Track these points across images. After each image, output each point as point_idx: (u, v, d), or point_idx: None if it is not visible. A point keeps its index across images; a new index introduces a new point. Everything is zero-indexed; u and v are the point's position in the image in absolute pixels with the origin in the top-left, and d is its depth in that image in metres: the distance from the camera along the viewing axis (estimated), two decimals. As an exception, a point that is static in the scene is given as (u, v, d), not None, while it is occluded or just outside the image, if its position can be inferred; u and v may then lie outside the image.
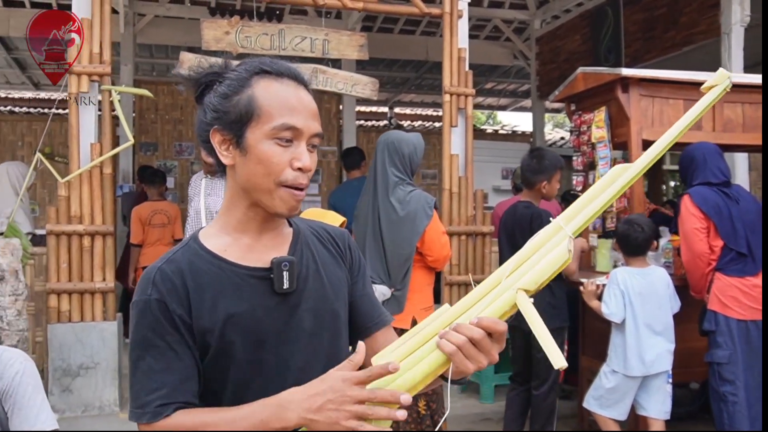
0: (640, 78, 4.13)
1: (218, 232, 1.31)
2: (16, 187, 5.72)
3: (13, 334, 4.06)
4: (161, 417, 1.16)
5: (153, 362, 1.18)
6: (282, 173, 1.21)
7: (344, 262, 1.42)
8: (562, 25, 9.08)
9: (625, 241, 3.78)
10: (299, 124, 1.22)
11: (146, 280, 1.23)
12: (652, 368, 3.63)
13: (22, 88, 12.87)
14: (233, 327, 1.22)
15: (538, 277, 1.12)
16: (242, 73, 1.28)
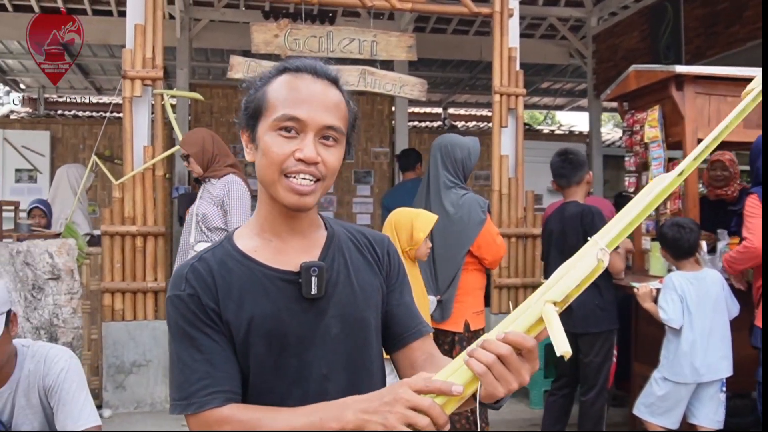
0: (695, 75, 3.99)
1: (250, 232, 1.31)
2: (75, 188, 5.91)
3: (68, 332, 4.19)
4: (209, 407, 1.15)
5: (195, 353, 1.19)
6: (283, 163, 1.20)
7: (380, 269, 1.38)
8: (619, 22, 8.85)
9: (675, 245, 3.64)
10: (302, 115, 1.20)
11: (179, 276, 1.25)
12: (704, 376, 3.49)
13: (85, 93, 13.32)
14: (257, 328, 1.21)
15: (565, 288, 1.06)
16: (269, 72, 1.29)
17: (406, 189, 5.88)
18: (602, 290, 3.74)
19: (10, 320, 2.20)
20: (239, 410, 1.16)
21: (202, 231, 4.16)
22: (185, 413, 1.17)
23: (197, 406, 1.16)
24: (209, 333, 1.20)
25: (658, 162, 4.16)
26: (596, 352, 3.77)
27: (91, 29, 8.91)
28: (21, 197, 8.30)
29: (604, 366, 3.78)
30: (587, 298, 3.72)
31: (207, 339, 1.19)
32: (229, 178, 4.17)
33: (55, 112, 11.32)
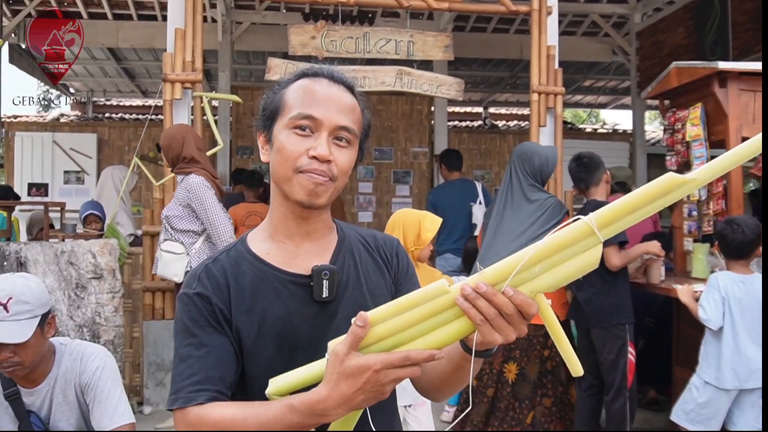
0: (739, 71, 3.86)
1: (263, 235, 1.33)
2: (120, 190, 6.05)
3: (110, 330, 4.29)
4: (193, 403, 1.16)
5: (192, 350, 1.21)
6: (297, 160, 1.22)
7: (389, 270, 1.40)
8: (664, 18, 8.66)
9: (723, 242, 3.54)
10: (317, 114, 1.23)
11: (193, 275, 1.28)
12: (747, 383, 3.37)
13: (132, 96, 13.64)
14: (269, 330, 1.23)
15: (560, 281, 1.04)
16: (287, 78, 1.33)
17: (455, 187, 6.00)
18: (609, 285, 3.76)
19: (48, 322, 2.26)
20: (216, 407, 1.16)
21: (167, 230, 4.23)
22: (172, 408, 1.19)
23: (183, 401, 1.17)
24: (211, 333, 1.22)
25: (700, 161, 4.05)
26: (608, 349, 3.76)
27: (136, 34, 9.14)
28: (69, 198, 8.57)
29: (618, 363, 3.74)
30: (594, 296, 3.77)
31: (207, 338, 1.21)
32: (189, 178, 4.20)
33: (103, 115, 11.62)
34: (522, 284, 1.04)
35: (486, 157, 10.83)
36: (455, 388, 1.29)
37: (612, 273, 3.75)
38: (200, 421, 1.15)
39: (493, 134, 11.23)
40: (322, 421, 1.08)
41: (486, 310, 1.02)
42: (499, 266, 1.04)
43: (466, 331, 1.06)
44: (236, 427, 1.12)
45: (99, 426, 2.29)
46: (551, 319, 1.07)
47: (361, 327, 1.04)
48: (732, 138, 3.87)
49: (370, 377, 1.03)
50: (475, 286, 1.03)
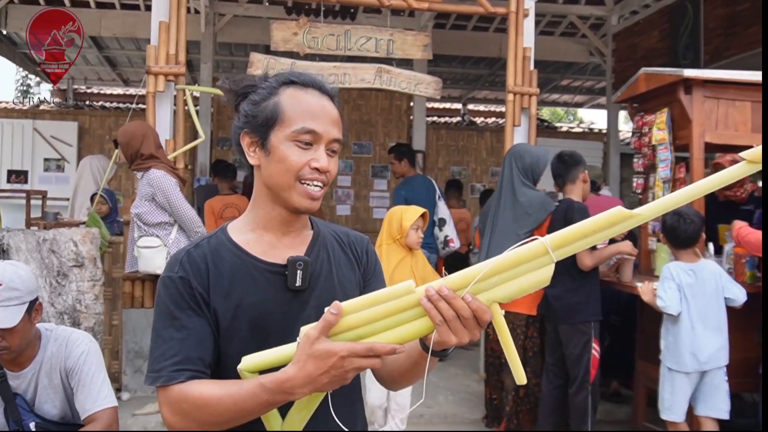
0: (704, 79, 4.04)
1: (244, 227, 1.43)
2: (98, 179, 6.10)
3: (90, 317, 4.37)
4: (175, 381, 1.26)
5: (174, 332, 1.30)
6: (300, 171, 1.33)
7: (359, 266, 1.51)
8: (639, 21, 8.84)
9: (673, 234, 3.71)
10: (319, 129, 1.34)
11: (175, 259, 1.37)
12: (707, 365, 3.56)
13: (113, 85, 13.59)
14: (244, 314, 1.33)
15: (514, 293, 1.17)
16: (273, 83, 1.40)
17: (421, 183, 6.18)
18: (578, 283, 3.92)
19: (35, 309, 2.36)
20: (196, 385, 1.26)
21: (141, 227, 4.37)
22: (154, 384, 1.28)
23: (165, 379, 1.26)
24: (191, 315, 1.31)
25: (665, 164, 4.22)
26: (574, 344, 3.92)
27: (119, 23, 9.15)
28: (49, 186, 8.59)
29: (582, 358, 3.90)
30: (563, 293, 3.93)
31: (188, 320, 1.30)
32: (150, 173, 4.36)
33: (84, 103, 11.58)
34: (480, 292, 1.16)
35: (463, 154, 10.98)
36: (410, 381, 1.42)
37: (582, 272, 3.90)
38: (181, 398, 1.25)
39: (471, 131, 11.38)
40: (289, 398, 1.19)
41: (445, 312, 1.14)
42: (462, 274, 1.17)
43: (426, 330, 1.18)
44: (213, 403, 1.23)
45: (83, 409, 2.39)
46: (502, 327, 1.19)
47: (335, 315, 1.15)
48: (695, 143, 4.05)
49: (335, 362, 1.13)
50: (439, 289, 1.14)
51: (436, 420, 4.67)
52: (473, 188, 10.88)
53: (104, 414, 2.39)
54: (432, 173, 10.62)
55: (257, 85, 1.42)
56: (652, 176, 4.42)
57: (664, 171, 4.22)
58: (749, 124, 4.12)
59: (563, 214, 3.91)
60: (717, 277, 3.65)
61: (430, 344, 1.20)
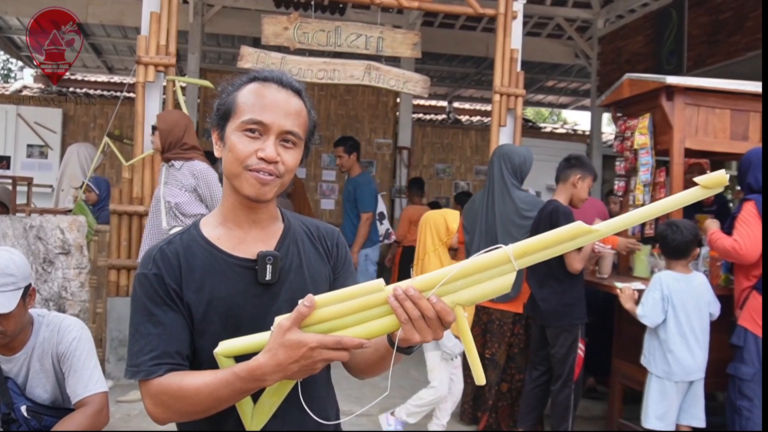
0: (685, 87, 4.14)
1: (215, 221, 1.47)
2: (84, 167, 6.10)
3: (76, 304, 4.40)
4: (154, 375, 1.31)
5: (151, 327, 1.34)
6: (246, 160, 1.35)
7: (329, 259, 1.54)
8: (625, 26, 8.96)
9: (664, 243, 3.79)
10: (266, 120, 1.35)
11: (148, 256, 1.41)
12: (692, 374, 3.66)
13: (97, 72, 13.50)
14: (215, 309, 1.37)
15: (477, 298, 1.23)
16: (240, 80, 1.45)
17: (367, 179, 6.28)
18: (566, 287, 3.95)
19: (29, 294, 2.40)
20: (174, 377, 1.31)
21: (177, 217, 4.34)
22: (134, 378, 1.34)
23: (145, 373, 1.32)
24: (166, 310, 1.35)
25: (645, 168, 4.33)
26: (561, 344, 3.97)
27: (106, 10, 9.10)
28: (32, 172, 8.53)
29: (568, 358, 3.96)
30: (551, 296, 3.97)
31: (164, 315, 1.35)
32: (195, 164, 4.36)
33: (67, 90, 11.49)
34: (446, 295, 1.22)
35: (448, 152, 11.06)
36: (377, 373, 1.47)
37: (569, 275, 3.94)
38: (161, 390, 1.31)
39: (456, 129, 11.46)
40: (261, 385, 1.25)
41: (411, 311, 1.20)
42: (429, 276, 1.23)
43: (393, 327, 1.24)
44: (192, 393, 1.29)
45: (74, 393, 2.43)
46: (464, 328, 1.25)
47: (308, 307, 1.21)
48: (675, 148, 4.16)
49: (305, 352, 1.19)
50: (405, 289, 1.20)
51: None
52: (457, 185, 10.98)
53: (95, 399, 2.43)
54: (417, 170, 10.70)
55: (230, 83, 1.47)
56: (633, 179, 4.52)
57: (644, 175, 4.33)
58: (728, 132, 4.23)
59: (548, 216, 3.95)
60: (706, 292, 3.74)
61: (396, 340, 1.25)
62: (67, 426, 2.36)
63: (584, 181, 4.04)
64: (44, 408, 2.46)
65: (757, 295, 3.65)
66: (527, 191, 4.52)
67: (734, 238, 3.64)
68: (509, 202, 4.33)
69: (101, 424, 2.45)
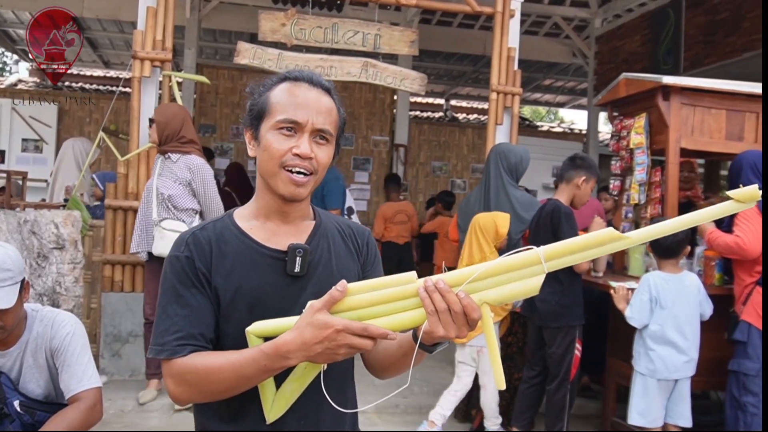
0: (681, 87, 4.15)
1: (249, 214, 1.51)
2: (79, 162, 6.08)
3: (70, 299, 4.38)
4: (178, 355, 1.35)
5: (178, 308, 1.38)
6: (282, 157, 1.40)
7: (359, 257, 1.58)
8: (622, 25, 8.97)
9: (655, 243, 3.79)
10: (300, 118, 1.40)
11: (181, 239, 1.45)
12: (677, 373, 3.67)
13: (93, 66, 13.45)
14: (242, 296, 1.40)
15: (505, 298, 1.25)
16: (271, 80, 1.50)
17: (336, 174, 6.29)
18: (565, 287, 3.94)
19: (24, 288, 2.39)
20: (197, 357, 1.35)
21: (169, 209, 4.33)
22: (158, 357, 1.37)
23: (169, 353, 1.36)
24: (194, 293, 1.39)
25: (641, 167, 4.33)
26: (558, 344, 3.96)
27: (102, 5, 9.07)
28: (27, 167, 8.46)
29: (565, 358, 3.96)
30: (549, 296, 3.94)
31: (191, 298, 1.39)
32: (192, 158, 4.38)
33: (63, 84, 11.45)
34: (474, 292, 1.24)
35: (445, 149, 11.07)
36: (397, 372, 1.49)
37: (569, 276, 3.92)
38: (185, 369, 1.34)
39: (453, 127, 11.46)
40: (284, 363, 1.27)
41: (438, 304, 1.23)
42: (459, 273, 1.26)
43: (419, 321, 1.27)
44: (215, 371, 1.32)
45: (67, 388, 2.43)
46: (489, 327, 1.27)
47: (340, 291, 1.25)
48: (671, 148, 4.16)
49: (330, 334, 1.22)
50: (436, 281, 1.24)
51: (410, 410, 4.76)
52: (453, 183, 10.98)
53: (88, 394, 2.43)
54: (413, 168, 10.71)
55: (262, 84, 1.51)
56: (629, 179, 4.53)
57: (640, 174, 4.33)
58: (723, 132, 4.24)
59: (549, 216, 3.93)
60: (696, 291, 3.75)
61: (420, 334, 1.28)
62: (60, 421, 2.35)
63: (588, 183, 4.01)
64: (37, 403, 2.45)
65: (761, 290, 3.66)
66: (522, 190, 4.54)
67: (736, 234, 3.65)
68: (504, 201, 4.34)
69: (95, 419, 2.44)
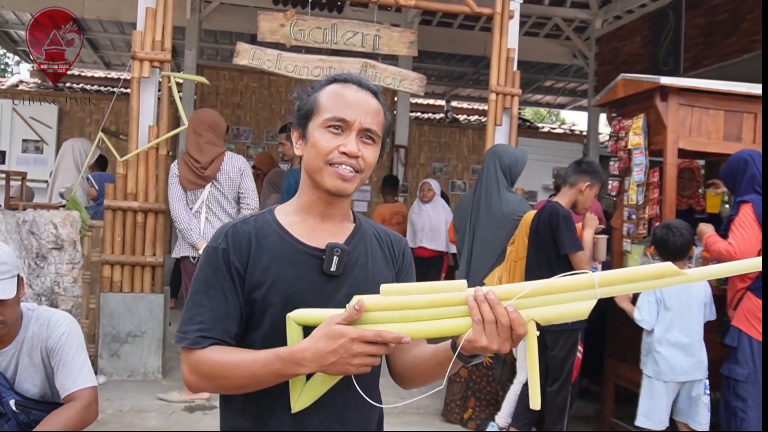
0: (679, 87, 4.14)
1: (290, 211, 1.53)
2: (78, 163, 6.09)
3: (68, 300, 4.39)
4: (198, 346, 1.38)
5: (205, 299, 1.41)
6: (329, 155, 1.42)
7: (395, 264, 1.59)
8: (623, 26, 8.97)
9: (663, 246, 3.80)
10: (348, 117, 1.43)
11: (221, 231, 1.47)
12: (683, 375, 3.69)
13: (94, 67, 13.47)
14: (277, 289, 1.42)
15: (554, 318, 1.25)
16: (320, 82, 1.53)
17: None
18: None
19: (20, 282, 2.40)
20: (216, 351, 1.37)
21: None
22: (180, 344, 1.40)
23: (190, 342, 1.38)
24: (224, 287, 1.41)
25: (639, 168, 4.33)
26: (560, 347, 3.95)
27: (103, 5, 9.09)
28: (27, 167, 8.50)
29: (567, 360, 3.95)
30: None
31: (220, 292, 1.41)
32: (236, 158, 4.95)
33: (64, 85, 11.47)
34: (522, 308, 1.25)
35: (445, 150, 11.07)
36: (426, 381, 1.49)
37: None
38: (201, 361, 1.37)
39: (454, 128, 11.47)
40: (298, 370, 1.29)
41: (486, 314, 1.24)
42: (510, 287, 1.27)
43: (462, 330, 1.27)
44: (230, 368, 1.35)
45: (63, 388, 2.43)
46: (533, 345, 1.27)
47: (357, 311, 1.26)
48: (669, 149, 4.16)
49: (344, 343, 1.24)
50: (486, 292, 1.25)
51: (409, 410, 4.76)
52: (454, 184, 10.98)
53: (84, 393, 2.43)
54: (414, 168, 10.71)
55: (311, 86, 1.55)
56: (627, 179, 4.53)
57: (638, 175, 4.33)
58: (721, 132, 4.24)
59: (548, 218, 3.92)
60: (703, 294, 3.77)
61: (460, 343, 1.28)
62: (56, 420, 2.35)
63: (592, 189, 4.01)
64: (33, 402, 2.45)
65: (751, 296, 3.65)
66: (515, 192, 4.56)
67: (729, 242, 3.65)
68: (496, 202, 4.37)
69: (90, 418, 2.44)
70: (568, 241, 3.83)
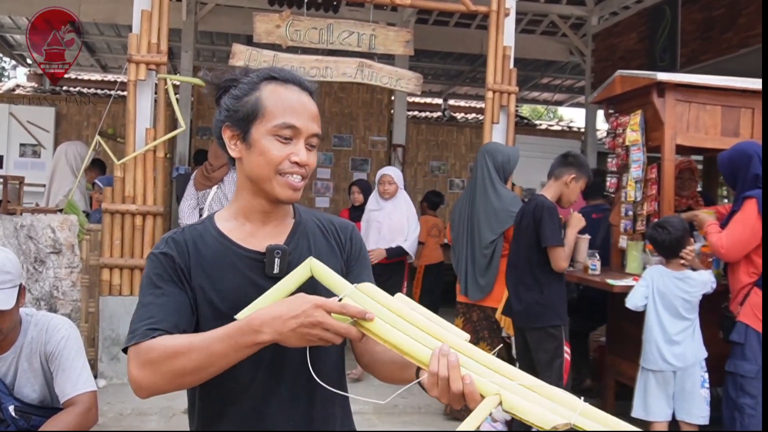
0: (676, 83, 4.14)
1: (228, 216, 1.50)
2: (73, 167, 6.07)
3: (67, 304, 4.39)
4: (147, 339, 1.29)
5: (152, 299, 1.36)
6: (280, 164, 1.39)
7: (342, 253, 1.55)
8: (619, 23, 8.97)
9: (655, 244, 3.87)
10: (298, 124, 1.39)
11: (163, 239, 1.45)
12: (675, 366, 3.69)
13: (91, 71, 13.45)
14: (223, 297, 1.39)
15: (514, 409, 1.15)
16: (254, 78, 1.46)
17: None
18: (543, 287, 3.77)
19: (21, 292, 2.39)
20: (165, 339, 1.30)
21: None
22: (129, 344, 1.31)
23: (138, 337, 1.30)
24: (173, 286, 1.37)
25: (637, 164, 4.33)
26: (544, 348, 3.78)
27: (99, 8, 9.07)
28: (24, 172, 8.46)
29: (553, 363, 3.77)
30: (526, 295, 3.81)
31: (168, 290, 1.37)
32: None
33: (61, 88, 11.46)
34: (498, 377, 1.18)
35: (443, 149, 11.06)
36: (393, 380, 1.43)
37: (547, 273, 3.77)
38: (150, 348, 1.28)
39: (451, 126, 11.45)
40: (256, 338, 1.21)
41: (441, 371, 1.16)
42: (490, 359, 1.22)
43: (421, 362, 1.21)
44: (184, 349, 1.26)
45: (62, 393, 2.42)
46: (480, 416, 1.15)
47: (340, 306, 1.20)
48: (667, 144, 4.16)
49: (307, 309, 1.19)
50: (448, 353, 1.18)
51: (409, 410, 4.76)
52: (452, 183, 10.97)
53: (83, 398, 2.42)
54: (411, 167, 10.69)
55: (238, 79, 1.46)
56: (625, 176, 4.53)
57: (636, 171, 4.33)
58: (719, 128, 4.24)
59: (532, 211, 3.82)
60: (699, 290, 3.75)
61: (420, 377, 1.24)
62: (56, 425, 2.35)
63: (577, 182, 3.87)
64: (32, 408, 2.44)
65: (758, 291, 3.61)
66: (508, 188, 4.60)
67: (720, 236, 3.63)
68: (490, 199, 4.40)
69: (90, 423, 2.44)
70: (550, 234, 3.68)
